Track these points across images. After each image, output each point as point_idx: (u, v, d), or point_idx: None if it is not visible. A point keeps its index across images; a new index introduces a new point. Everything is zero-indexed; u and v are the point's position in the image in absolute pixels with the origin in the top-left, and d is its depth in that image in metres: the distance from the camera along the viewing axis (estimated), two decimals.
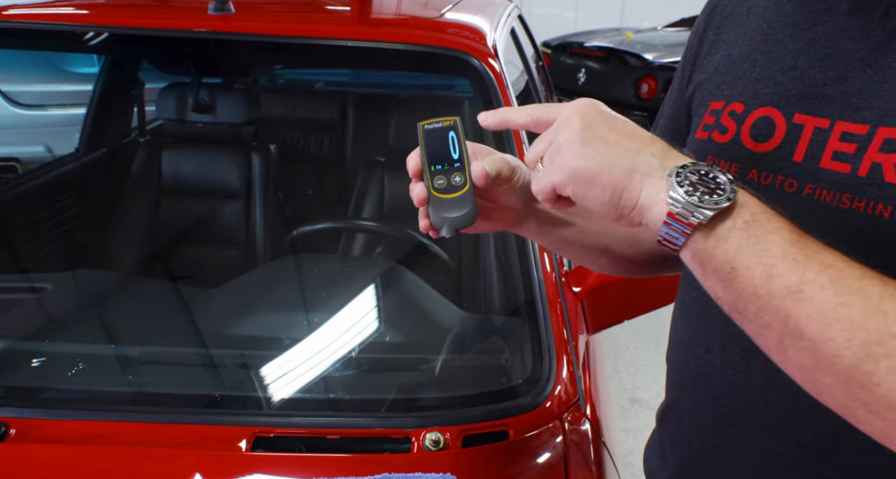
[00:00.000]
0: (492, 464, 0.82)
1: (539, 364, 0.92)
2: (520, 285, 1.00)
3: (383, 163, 1.76)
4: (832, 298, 0.40)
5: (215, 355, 0.98)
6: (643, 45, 4.50)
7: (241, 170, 1.88)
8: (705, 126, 0.61)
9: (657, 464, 0.81)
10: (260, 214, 1.86)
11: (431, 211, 0.57)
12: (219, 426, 0.82)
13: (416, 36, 1.24)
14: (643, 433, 2.35)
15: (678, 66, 0.72)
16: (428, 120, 0.59)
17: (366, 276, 1.17)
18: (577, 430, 0.90)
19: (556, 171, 0.49)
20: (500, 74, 1.22)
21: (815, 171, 0.52)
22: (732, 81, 0.60)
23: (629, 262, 0.72)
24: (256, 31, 1.24)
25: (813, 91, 0.53)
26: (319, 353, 0.97)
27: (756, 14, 0.61)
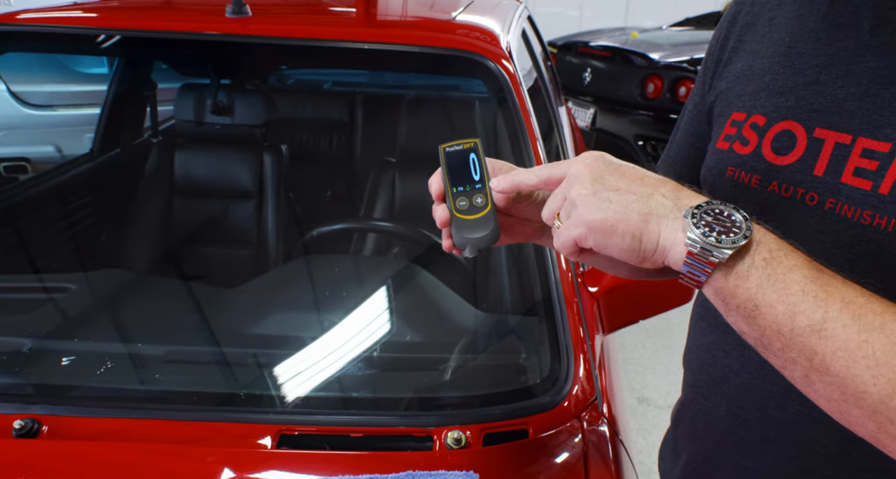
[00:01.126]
0: (512, 462, 0.84)
1: (557, 363, 0.93)
2: (537, 285, 1.01)
3: (394, 163, 1.77)
4: (855, 335, 0.41)
5: (240, 353, 1.00)
6: (649, 45, 4.49)
7: (252, 170, 1.90)
8: (727, 136, 0.62)
9: (670, 462, 0.82)
10: (272, 214, 1.88)
11: (454, 232, 0.59)
12: (244, 424, 0.84)
13: (431, 38, 1.25)
14: (651, 432, 2.36)
15: (699, 70, 0.72)
16: (449, 143, 0.61)
17: (386, 276, 1.18)
18: (595, 428, 0.92)
19: (575, 225, 0.51)
20: (514, 76, 1.23)
21: (836, 185, 0.53)
22: (754, 93, 0.61)
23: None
24: (274, 34, 1.26)
25: (835, 106, 0.54)
26: (341, 352, 0.99)
27: (778, 26, 0.61)
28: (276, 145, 1.88)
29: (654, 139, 4.13)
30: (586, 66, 4.57)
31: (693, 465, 0.73)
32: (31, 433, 0.80)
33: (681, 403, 0.77)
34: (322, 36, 1.22)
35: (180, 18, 1.37)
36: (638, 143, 4.19)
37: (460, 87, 1.98)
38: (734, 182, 0.60)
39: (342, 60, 1.45)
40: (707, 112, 0.69)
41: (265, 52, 1.41)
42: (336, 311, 1.09)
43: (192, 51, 1.50)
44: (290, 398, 0.92)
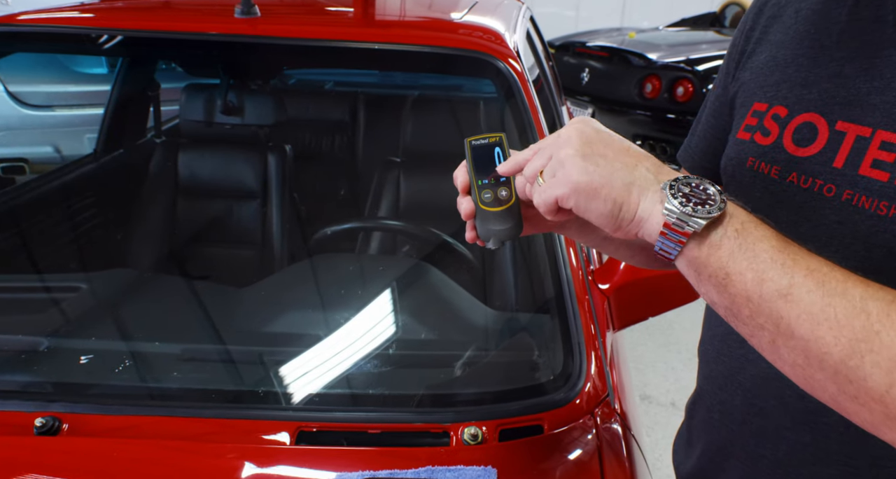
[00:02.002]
0: (528, 457, 0.85)
1: (570, 360, 0.94)
2: (548, 283, 1.02)
3: (399, 163, 1.78)
4: (819, 299, 0.43)
5: (257, 352, 1.00)
6: (646, 45, 4.52)
7: (256, 170, 1.90)
8: (747, 127, 0.63)
9: (684, 454, 0.83)
10: (276, 214, 1.89)
11: (479, 224, 0.60)
12: (263, 421, 0.85)
13: (441, 39, 1.26)
14: (654, 429, 2.38)
15: (723, 62, 0.73)
16: (474, 136, 0.62)
17: (399, 274, 1.19)
18: (608, 424, 0.93)
19: (560, 185, 0.52)
20: (522, 75, 1.24)
21: (854, 177, 0.54)
22: (777, 84, 0.61)
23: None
24: (285, 35, 1.27)
25: (857, 99, 0.55)
26: (357, 349, 1.00)
27: (804, 18, 0.62)
28: (280, 145, 1.89)
29: (652, 139, 4.16)
30: (584, 66, 4.59)
31: (708, 455, 0.74)
32: (53, 431, 0.81)
33: (695, 395, 0.78)
34: (334, 36, 1.23)
35: (190, 19, 1.38)
36: (636, 142, 4.20)
37: (463, 87, 1.99)
38: (754, 172, 0.61)
39: (352, 60, 1.46)
40: (730, 103, 0.69)
41: (275, 52, 1.42)
42: (351, 309, 1.10)
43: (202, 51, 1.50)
44: (308, 396, 0.92)
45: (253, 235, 1.87)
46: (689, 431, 0.82)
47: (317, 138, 2.23)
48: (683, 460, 0.83)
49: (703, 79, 3.95)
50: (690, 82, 3.97)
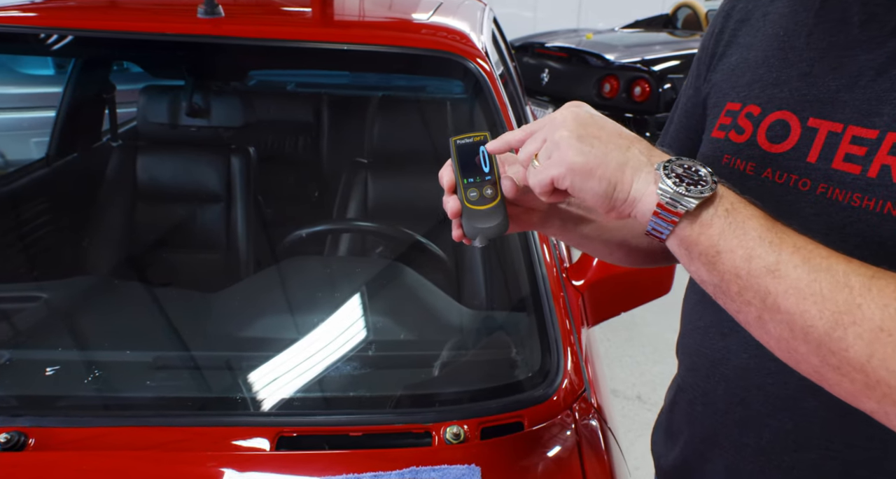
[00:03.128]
0: (511, 454, 0.85)
1: (547, 357, 0.96)
2: (524, 281, 1.03)
3: (366, 164, 1.77)
4: (805, 275, 0.46)
5: (234, 357, 0.98)
6: (603, 46, 4.60)
7: (220, 173, 1.86)
8: (721, 126, 0.65)
9: (664, 446, 0.85)
10: (241, 218, 1.85)
11: (465, 222, 0.61)
12: (241, 428, 0.83)
13: (410, 39, 1.26)
14: (622, 422, 2.43)
15: (693, 64, 0.75)
16: (459, 135, 0.62)
17: (376, 276, 1.18)
18: (586, 418, 0.95)
19: (555, 165, 0.53)
20: (492, 74, 1.25)
21: (828, 171, 0.56)
22: (749, 84, 0.64)
23: (645, 253, 0.77)
24: (251, 35, 1.24)
25: (827, 97, 0.57)
26: (336, 352, 0.99)
27: (772, 20, 0.64)
28: (243, 147, 1.85)
29: None
30: (544, 66, 4.65)
31: (691, 446, 0.76)
32: (18, 446, 0.78)
33: (676, 388, 0.80)
34: (304, 37, 1.21)
35: (151, 19, 1.34)
36: None
37: (427, 87, 1.99)
38: (730, 169, 0.63)
39: (321, 62, 1.44)
40: (702, 103, 0.72)
41: (242, 53, 1.39)
42: (328, 311, 1.09)
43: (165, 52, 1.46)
44: (287, 400, 0.91)
45: (217, 239, 1.83)
46: (669, 423, 0.83)
47: (280, 140, 2.19)
48: (664, 452, 0.84)
49: (658, 79, 4.05)
50: (647, 82, 4.06)
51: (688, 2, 6.34)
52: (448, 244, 1.28)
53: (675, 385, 0.80)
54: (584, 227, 0.71)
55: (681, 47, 4.60)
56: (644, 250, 0.76)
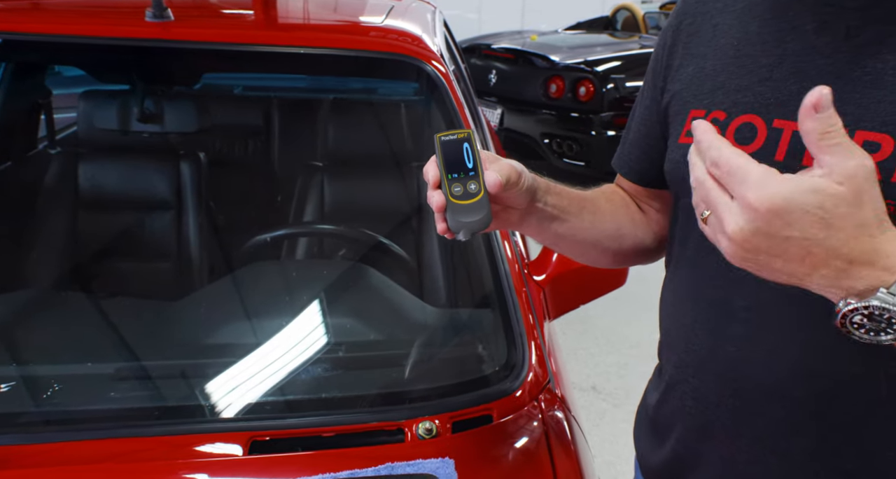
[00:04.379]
0: (482, 446, 0.88)
1: (513, 351, 0.99)
2: (487, 277, 1.06)
3: (321, 167, 1.76)
4: None
5: (202, 364, 0.97)
6: (548, 47, 4.71)
7: (168, 180, 1.82)
8: (688, 132, 0.67)
9: (650, 443, 0.85)
10: (193, 225, 1.81)
11: (449, 216, 0.63)
12: (213, 435, 0.83)
13: (366, 43, 1.27)
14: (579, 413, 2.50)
15: (646, 77, 0.79)
16: (444, 132, 0.64)
17: (341, 278, 1.19)
18: (551, 408, 0.98)
19: (724, 247, 0.50)
20: (447, 75, 1.28)
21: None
22: (711, 91, 0.67)
23: (615, 254, 0.81)
24: (203, 39, 1.23)
25: (789, 99, 0.60)
26: (306, 355, 0.99)
27: (722, 31, 0.68)
28: (193, 153, 1.81)
29: (559, 137, 4.33)
30: (491, 67, 4.72)
31: (683, 441, 0.76)
32: None
33: (665, 385, 0.79)
34: (260, 41, 1.21)
35: (96, 22, 1.31)
36: (544, 141, 4.38)
37: (379, 89, 2.00)
38: None
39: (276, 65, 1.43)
40: (662, 113, 0.75)
41: (193, 57, 1.37)
42: (296, 315, 1.08)
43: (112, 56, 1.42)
44: (259, 405, 0.91)
45: (168, 247, 1.79)
46: (656, 421, 0.83)
47: (232, 145, 2.15)
48: (652, 449, 0.84)
49: (602, 79, 4.17)
50: (591, 83, 4.17)
51: (626, 5, 6.55)
52: (410, 244, 1.30)
53: (663, 383, 0.80)
54: (558, 226, 0.74)
55: (621, 49, 4.75)
56: (614, 250, 0.80)
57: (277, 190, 1.98)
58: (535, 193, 0.70)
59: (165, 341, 1.03)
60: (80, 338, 1.02)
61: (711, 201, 0.50)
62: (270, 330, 1.04)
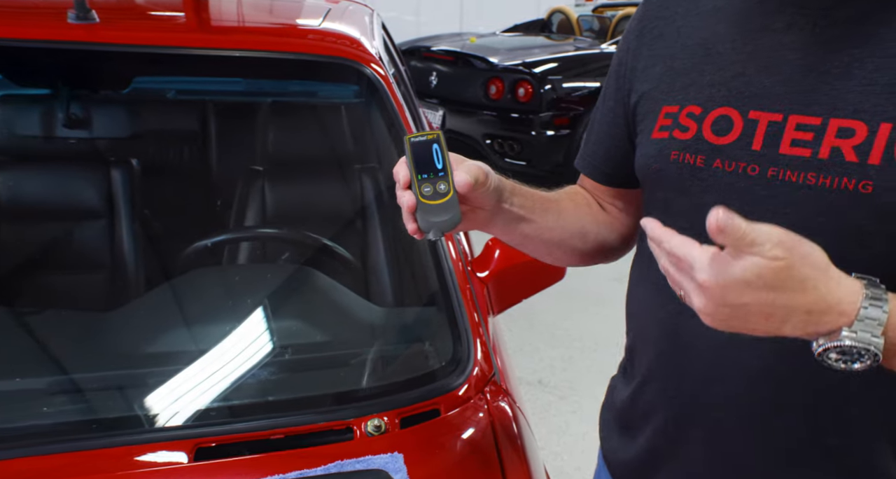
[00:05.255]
0: (430, 439, 0.90)
1: (459, 346, 1.01)
2: (432, 276, 1.08)
3: (262, 172, 1.74)
4: None
5: (142, 374, 0.95)
6: (487, 49, 4.78)
7: (98, 188, 1.75)
8: (662, 127, 0.71)
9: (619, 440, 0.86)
10: (128, 233, 1.75)
11: (420, 216, 0.64)
12: (157, 444, 0.81)
13: (304, 45, 1.27)
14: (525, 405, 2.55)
15: (607, 81, 0.81)
16: (414, 134, 0.65)
17: (286, 281, 1.18)
18: (497, 401, 1.01)
19: (703, 319, 0.55)
20: (387, 78, 1.29)
21: (776, 156, 0.63)
22: (684, 88, 0.70)
23: (580, 253, 0.83)
24: (133, 42, 1.20)
25: (763, 92, 0.65)
26: (252, 359, 0.98)
27: (688, 33, 0.72)
28: (125, 160, 1.76)
29: (500, 137, 4.41)
30: (431, 69, 4.75)
31: (662, 431, 0.77)
32: None
33: (641, 378, 0.81)
34: (191, 44, 1.19)
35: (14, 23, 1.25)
36: (486, 141, 4.44)
37: (321, 93, 1.99)
38: (680, 164, 0.69)
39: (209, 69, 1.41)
40: (630, 113, 0.78)
41: (122, 60, 1.33)
42: (241, 319, 1.07)
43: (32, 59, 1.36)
44: (203, 411, 0.90)
45: (100, 257, 1.72)
46: (627, 416, 0.84)
47: (164, 151, 2.09)
48: (623, 445, 0.85)
49: (540, 80, 4.27)
50: (530, 84, 4.26)
51: (561, 8, 6.72)
52: (355, 246, 1.30)
53: (638, 377, 0.81)
54: (525, 226, 0.76)
55: (557, 50, 4.87)
56: (580, 249, 0.83)
57: (216, 195, 1.94)
58: (502, 193, 0.72)
59: (103, 352, 1.00)
60: (7, 354, 0.98)
61: (680, 285, 0.56)
62: (214, 336, 1.03)
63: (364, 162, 1.59)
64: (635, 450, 0.82)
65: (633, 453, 0.83)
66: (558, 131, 4.26)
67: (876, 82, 0.59)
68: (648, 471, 0.81)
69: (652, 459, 0.80)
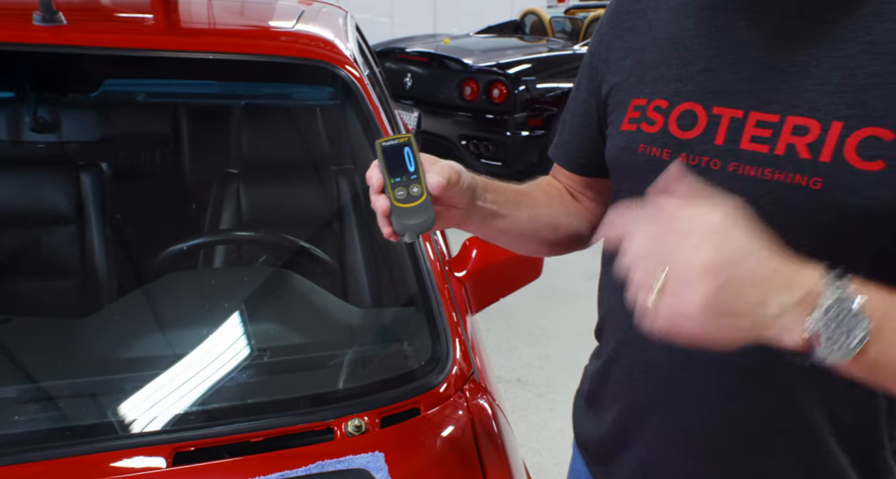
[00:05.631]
0: (410, 438, 0.91)
1: (438, 346, 1.02)
2: (411, 277, 1.08)
3: (236, 174, 1.73)
4: None
5: (118, 379, 0.93)
6: (461, 51, 4.80)
7: (67, 192, 1.72)
8: (631, 119, 0.73)
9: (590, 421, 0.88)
10: (98, 238, 1.73)
11: (394, 219, 0.64)
12: (134, 449, 0.81)
13: (278, 48, 1.26)
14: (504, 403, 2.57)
15: (580, 73, 0.83)
16: (384, 138, 0.65)
17: (264, 284, 1.17)
18: (476, 398, 1.02)
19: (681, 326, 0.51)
20: (362, 79, 1.29)
21: (737, 151, 0.65)
22: (652, 81, 0.72)
23: (552, 243, 0.85)
24: (102, 44, 1.18)
25: (727, 88, 0.66)
26: (230, 362, 0.97)
27: (658, 27, 0.73)
28: (95, 164, 1.73)
29: (475, 138, 4.43)
30: (406, 71, 4.75)
31: (627, 413, 0.79)
32: None
33: (606, 360, 0.83)
34: (167, 46, 1.17)
35: None
36: (462, 142, 4.46)
37: (296, 95, 1.98)
38: (647, 156, 0.71)
39: (184, 71, 1.39)
40: (601, 104, 0.79)
41: (93, 63, 1.31)
42: (220, 323, 1.06)
43: None
44: (181, 416, 0.89)
45: (71, 263, 1.69)
46: (597, 398, 0.86)
47: (135, 154, 2.06)
48: (593, 427, 0.87)
49: (514, 81, 4.30)
50: (504, 85, 4.29)
51: (534, 9, 6.77)
52: (332, 248, 1.30)
53: (605, 359, 0.83)
54: (500, 222, 0.77)
55: (531, 52, 4.91)
56: (552, 240, 0.84)
57: (190, 199, 1.92)
58: (475, 191, 0.73)
59: (79, 357, 0.99)
60: None
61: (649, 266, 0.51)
62: (193, 340, 1.02)
63: (340, 164, 1.59)
64: (605, 429, 0.84)
65: (603, 431, 0.85)
66: (533, 132, 4.30)
67: (830, 81, 0.60)
68: (617, 449, 0.83)
69: (620, 437, 0.82)
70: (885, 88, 0.58)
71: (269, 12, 1.66)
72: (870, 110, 0.58)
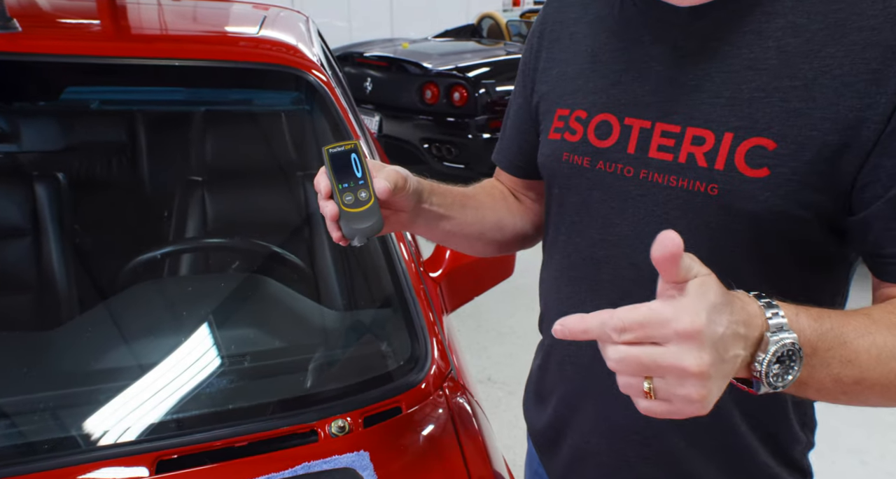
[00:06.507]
0: (394, 436, 0.92)
1: (416, 345, 1.03)
2: (387, 278, 1.10)
3: (201, 182, 1.71)
4: (876, 365, 0.55)
5: (98, 390, 0.92)
6: (420, 55, 4.82)
7: (20, 204, 1.67)
8: (556, 129, 0.77)
9: (535, 409, 0.93)
10: (56, 251, 1.68)
11: (343, 224, 0.66)
12: (115, 460, 0.80)
13: (243, 54, 1.26)
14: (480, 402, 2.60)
15: (518, 79, 0.87)
16: (331, 145, 0.67)
17: (238, 290, 1.16)
18: (455, 396, 1.04)
19: (683, 410, 0.49)
20: (329, 83, 1.30)
21: (646, 159, 0.69)
22: (573, 93, 0.76)
23: (498, 243, 0.88)
24: (58, 52, 1.16)
25: (635, 100, 0.70)
26: (209, 368, 0.97)
27: (578, 40, 0.78)
28: (50, 174, 1.68)
29: (437, 141, 4.46)
30: (366, 75, 4.75)
31: (564, 401, 0.84)
32: None
33: (545, 353, 0.88)
34: (129, 53, 1.16)
35: None
36: (424, 146, 4.48)
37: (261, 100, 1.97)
38: (570, 164, 0.75)
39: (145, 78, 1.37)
40: (533, 111, 0.83)
41: (50, 71, 1.28)
42: (196, 329, 1.05)
43: None
44: (162, 424, 0.88)
45: (26, 277, 1.64)
46: (540, 387, 0.91)
47: (96, 163, 2.01)
48: (537, 414, 0.92)
49: (474, 84, 4.34)
50: (464, 88, 4.33)
51: (490, 13, 6.86)
52: (304, 252, 1.30)
53: (544, 352, 0.88)
54: (446, 223, 0.80)
55: (489, 55, 4.97)
56: (498, 241, 0.88)
57: (154, 207, 1.88)
58: (421, 195, 0.75)
59: (56, 370, 0.96)
60: None
61: (648, 365, 0.48)
62: (171, 347, 1.01)
63: (308, 169, 1.59)
64: (546, 419, 0.88)
65: (545, 421, 0.89)
66: (494, 134, 4.34)
67: (721, 95, 0.65)
68: (557, 438, 0.87)
69: (557, 426, 0.86)
70: (768, 102, 0.62)
71: (232, 18, 1.65)
72: (755, 122, 0.63)
